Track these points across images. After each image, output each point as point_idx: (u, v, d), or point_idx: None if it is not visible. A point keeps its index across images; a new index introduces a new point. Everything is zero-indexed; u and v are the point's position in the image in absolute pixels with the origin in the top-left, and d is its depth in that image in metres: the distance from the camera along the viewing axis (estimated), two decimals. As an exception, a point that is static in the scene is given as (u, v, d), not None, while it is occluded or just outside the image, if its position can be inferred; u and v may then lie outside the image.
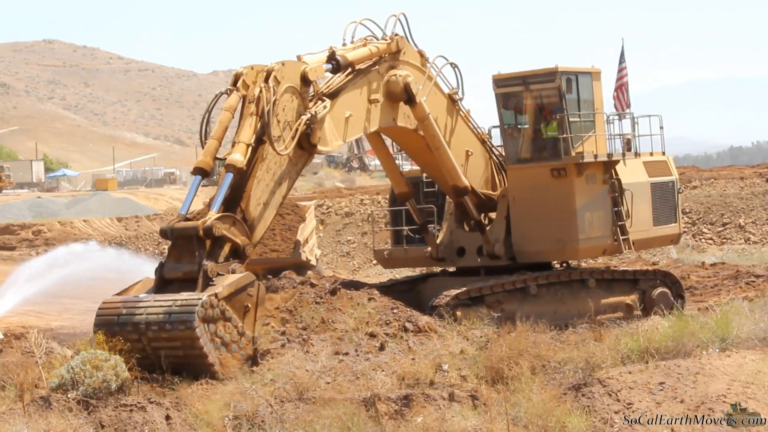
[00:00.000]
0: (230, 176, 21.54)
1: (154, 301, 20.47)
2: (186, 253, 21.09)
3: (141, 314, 20.27)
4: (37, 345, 21.46)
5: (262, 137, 21.79)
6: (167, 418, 18.06)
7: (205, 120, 22.64)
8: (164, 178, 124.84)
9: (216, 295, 20.34)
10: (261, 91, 21.76)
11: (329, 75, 23.82)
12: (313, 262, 37.95)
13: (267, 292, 22.67)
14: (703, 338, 20.76)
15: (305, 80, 22.58)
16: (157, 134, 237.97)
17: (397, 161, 28.17)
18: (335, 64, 23.60)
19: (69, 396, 18.57)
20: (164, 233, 21.58)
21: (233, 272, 21.14)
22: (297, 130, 22.21)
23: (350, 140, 24.57)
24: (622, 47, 29.54)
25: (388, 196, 30.40)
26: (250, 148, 21.69)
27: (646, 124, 28.42)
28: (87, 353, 19.60)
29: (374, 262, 44.92)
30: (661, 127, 28.57)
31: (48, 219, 74.95)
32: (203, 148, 22.41)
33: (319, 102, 23.00)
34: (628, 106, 28.99)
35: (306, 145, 22.55)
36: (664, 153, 29.10)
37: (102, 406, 18.23)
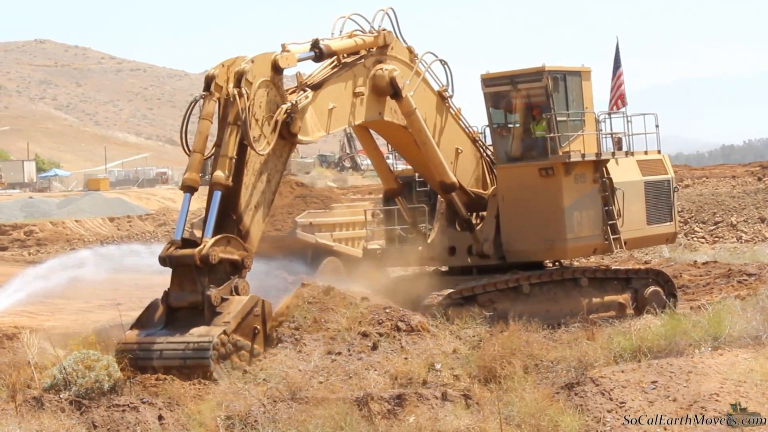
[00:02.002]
0: (218, 194, 21.45)
1: (167, 343, 20.56)
2: (187, 281, 21.18)
3: (157, 358, 20.42)
4: (30, 345, 21.44)
5: (243, 142, 21.69)
6: (160, 418, 18.04)
7: (185, 128, 22.44)
8: (156, 177, 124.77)
9: (225, 331, 20.53)
10: (235, 98, 21.54)
11: (303, 65, 23.76)
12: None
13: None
14: (695, 337, 20.77)
15: (276, 68, 22.34)
16: (149, 134, 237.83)
17: (389, 160, 28.17)
18: (318, 52, 23.47)
19: (61, 396, 18.55)
20: (163, 262, 21.54)
21: (236, 289, 21.31)
22: (277, 121, 22.14)
23: (334, 132, 24.48)
24: (617, 47, 29.49)
25: (381, 196, 30.39)
26: (233, 161, 21.62)
27: (640, 123, 28.44)
28: (79, 353, 19.59)
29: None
30: (657, 126, 28.57)
31: (40, 219, 74.85)
32: (187, 155, 22.28)
33: (301, 92, 22.96)
34: (625, 104, 28.98)
35: (286, 134, 22.44)
36: (659, 152, 29.09)
37: (94, 406, 18.21)
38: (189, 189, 21.96)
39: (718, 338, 20.76)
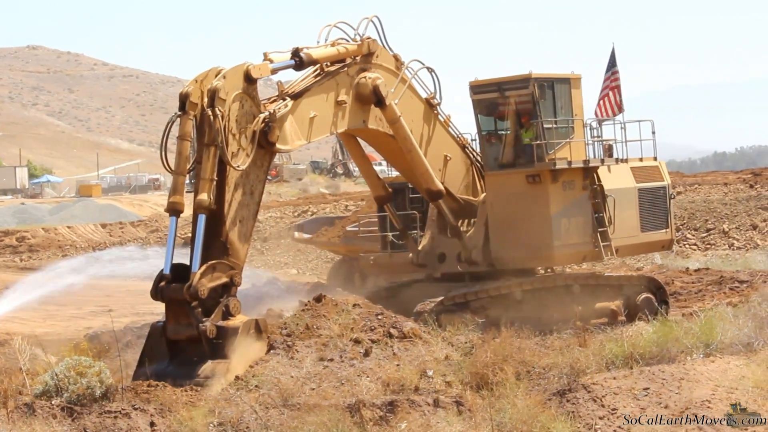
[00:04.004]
0: (202, 217, 21.33)
1: (177, 386, 20.41)
2: (182, 314, 21.17)
3: None
4: (21, 351, 21.40)
5: (222, 159, 21.52)
6: (152, 424, 18.02)
7: (164, 146, 22.35)
8: (148, 184, 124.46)
9: (229, 368, 20.60)
10: (209, 118, 21.32)
11: (290, 74, 23.74)
12: None
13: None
14: (687, 344, 20.80)
15: (249, 79, 22.10)
16: (141, 140, 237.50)
17: (381, 167, 28.15)
18: (298, 60, 23.41)
19: (53, 402, 18.53)
20: (154, 296, 21.58)
21: (226, 309, 21.27)
22: (254, 132, 22.00)
23: (316, 140, 24.40)
24: (613, 51, 29.58)
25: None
26: (213, 182, 21.47)
27: (635, 130, 28.46)
28: (71, 359, 19.57)
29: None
30: (653, 132, 28.59)
31: (32, 225, 74.64)
32: (169, 172, 22.22)
33: (280, 101, 22.90)
34: (621, 110, 29.00)
35: (264, 143, 22.29)
36: (655, 158, 29.08)
37: (86, 412, 18.19)
38: (175, 212, 21.85)
39: (710, 345, 20.79)
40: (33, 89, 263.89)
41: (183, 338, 21.18)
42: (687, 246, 48.11)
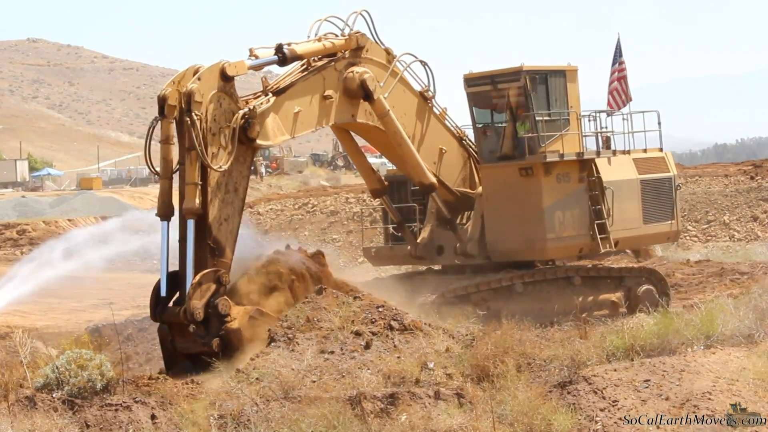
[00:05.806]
0: (192, 222, 21.42)
1: None
2: (185, 331, 21.38)
3: None
4: (22, 344, 21.42)
5: (203, 163, 21.53)
6: (152, 417, 18.03)
7: (148, 149, 22.37)
8: (149, 176, 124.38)
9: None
10: (187, 122, 21.33)
11: (267, 71, 23.72)
12: None
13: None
14: (688, 335, 20.78)
15: (225, 77, 21.99)
16: (141, 133, 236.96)
17: (382, 159, 28.17)
18: (281, 56, 23.34)
19: (54, 396, 18.54)
20: (154, 319, 21.86)
21: (216, 312, 21.29)
22: (234, 129, 21.93)
23: (300, 135, 24.25)
24: (618, 41, 29.59)
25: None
26: (198, 186, 21.50)
27: (640, 121, 28.46)
28: (72, 352, 19.58)
29: (360, 260, 44.99)
30: (659, 123, 28.60)
31: (32, 218, 74.61)
32: (155, 174, 22.26)
33: (263, 96, 22.82)
34: (630, 100, 29.00)
35: (244, 139, 22.21)
36: (661, 149, 29.05)
37: (87, 405, 18.20)
38: (165, 217, 21.97)
39: (711, 337, 20.77)
40: (33, 82, 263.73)
41: (193, 353, 21.41)
42: (688, 238, 48.13)
